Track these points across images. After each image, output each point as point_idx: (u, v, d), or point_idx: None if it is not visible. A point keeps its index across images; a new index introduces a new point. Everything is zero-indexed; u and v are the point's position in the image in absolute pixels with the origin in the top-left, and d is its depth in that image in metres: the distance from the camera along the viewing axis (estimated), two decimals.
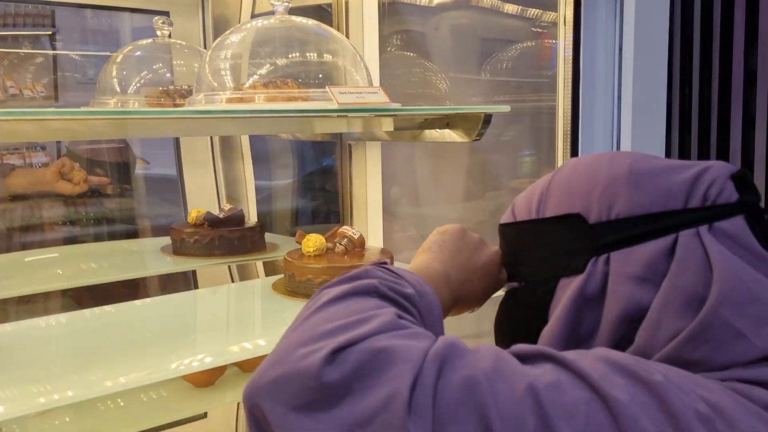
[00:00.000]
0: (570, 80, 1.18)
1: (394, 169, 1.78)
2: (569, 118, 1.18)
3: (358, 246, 1.31)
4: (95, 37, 1.96)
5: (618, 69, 1.22)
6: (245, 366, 1.71)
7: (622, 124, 1.19)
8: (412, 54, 1.87)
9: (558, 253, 0.66)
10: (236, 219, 1.64)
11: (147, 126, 1.03)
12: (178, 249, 1.60)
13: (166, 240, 1.68)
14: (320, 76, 1.13)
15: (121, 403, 1.52)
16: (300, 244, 1.30)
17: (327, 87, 1.03)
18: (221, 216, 1.63)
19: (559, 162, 1.25)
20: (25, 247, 1.73)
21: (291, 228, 2.36)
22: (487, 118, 1.26)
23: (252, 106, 1.02)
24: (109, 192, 1.83)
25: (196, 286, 1.86)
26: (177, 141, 2.02)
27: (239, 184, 2.01)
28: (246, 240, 1.63)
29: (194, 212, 1.64)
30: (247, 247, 1.62)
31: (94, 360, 1.01)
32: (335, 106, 1.00)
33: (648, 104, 1.27)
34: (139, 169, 2.03)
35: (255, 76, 1.10)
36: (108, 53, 1.65)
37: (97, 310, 1.26)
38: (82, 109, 1.37)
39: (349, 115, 1.16)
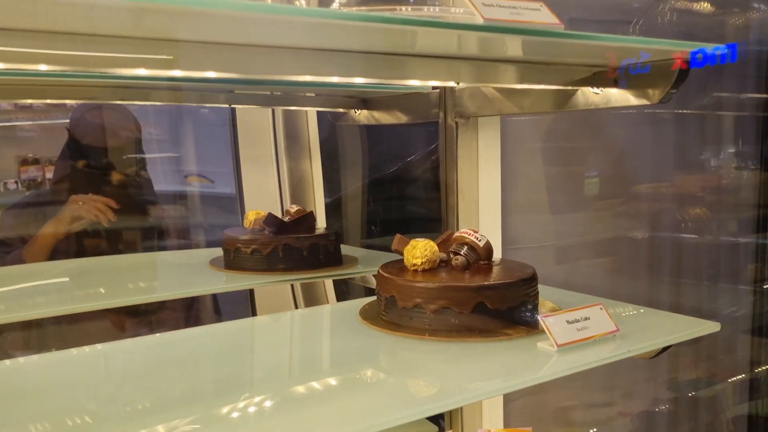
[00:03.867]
0: None
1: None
2: None
3: (483, 257, 0.91)
4: None
5: None
6: None
7: None
8: None
9: None
10: (306, 224, 1.27)
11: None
12: (231, 262, 1.24)
13: (217, 252, 1.32)
14: None
15: None
16: (400, 252, 0.91)
17: None
18: (287, 219, 1.26)
19: None
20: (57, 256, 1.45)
21: (363, 240, 1.98)
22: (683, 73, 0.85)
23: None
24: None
25: (253, 311, 1.49)
26: (235, 136, 1.69)
27: (306, 184, 1.65)
28: (318, 251, 1.25)
29: (252, 214, 1.29)
30: (319, 261, 1.25)
31: (129, 405, 0.70)
32: (480, 22, 0.61)
33: None
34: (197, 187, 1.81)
35: None
36: None
37: (135, 340, 0.91)
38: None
39: (456, 57, 0.77)
